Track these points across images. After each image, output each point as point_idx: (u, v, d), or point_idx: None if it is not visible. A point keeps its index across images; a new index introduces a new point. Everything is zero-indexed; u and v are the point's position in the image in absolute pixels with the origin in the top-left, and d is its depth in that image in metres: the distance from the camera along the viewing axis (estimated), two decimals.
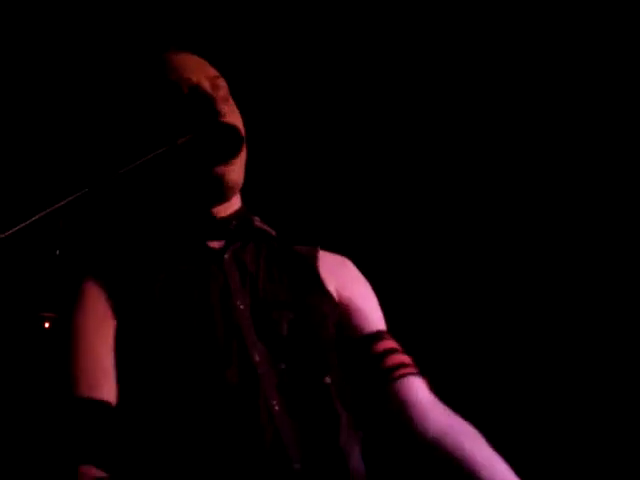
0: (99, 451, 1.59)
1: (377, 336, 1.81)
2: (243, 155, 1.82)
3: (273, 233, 1.90)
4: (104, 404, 1.62)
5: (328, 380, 1.66)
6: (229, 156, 1.76)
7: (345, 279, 1.89)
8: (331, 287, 1.85)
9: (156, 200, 1.85)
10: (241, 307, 1.69)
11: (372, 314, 1.86)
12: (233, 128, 1.76)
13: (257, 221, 1.89)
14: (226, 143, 1.75)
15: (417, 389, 1.75)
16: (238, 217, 1.85)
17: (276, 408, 1.59)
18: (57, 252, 1.72)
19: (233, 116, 1.82)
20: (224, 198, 1.82)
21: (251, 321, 1.68)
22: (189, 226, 1.81)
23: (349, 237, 3.14)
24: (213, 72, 1.86)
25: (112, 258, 1.80)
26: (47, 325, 3.38)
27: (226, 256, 1.78)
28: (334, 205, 3.43)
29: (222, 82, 1.85)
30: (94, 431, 1.60)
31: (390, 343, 1.81)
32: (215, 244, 1.81)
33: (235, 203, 1.87)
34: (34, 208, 1.47)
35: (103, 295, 1.71)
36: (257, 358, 1.63)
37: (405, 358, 1.79)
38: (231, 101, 1.87)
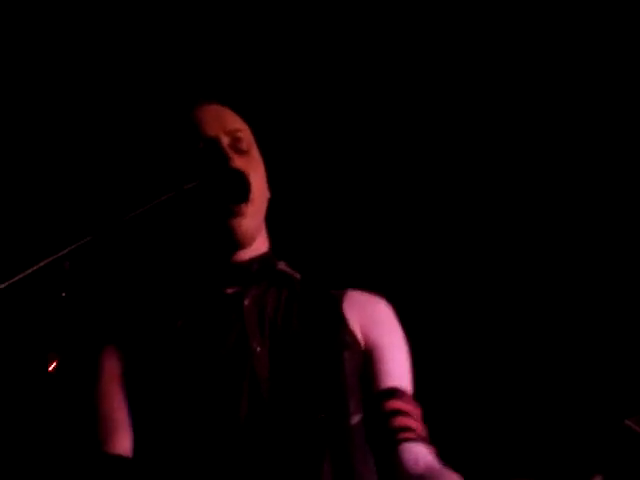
0: None
1: (390, 393, 1.77)
2: (256, 202, 1.81)
3: (297, 276, 1.89)
4: (117, 457, 1.64)
5: (322, 417, 1.67)
6: (237, 202, 1.77)
7: (373, 320, 1.84)
8: (356, 328, 1.81)
9: (170, 247, 1.86)
10: (258, 349, 1.71)
11: (395, 368, 1.81)
12: (239, 173, 1.77)
13: (281, 265, 1.89)
14: (233, 189, 1.76)
15: (416, 456, 1.71)
16: (260, 261, 1.85)
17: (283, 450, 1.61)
18: (63, 294, 1.73)
19: (245, 163, 1.82)
20: (239, 246, 1.82)
21: (268, 364, 1.69)
22: (206, 273, 1.82)
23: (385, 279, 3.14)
24: (234, 125, 1.87)
25: (126, 308, 1.81)
26: (52, 367, 3.38)
27: (246, 302, 1.79)
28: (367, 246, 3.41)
29: (244, 134, 1.87)
30: None
31: (401, 404, 1.76)
32: (234, 289, 1.81)
33: (259, 247, 1.87)
34: (40, 252, 1.49)
35: (116, 353, 1.73)
36: (269, 400, 1.65)
37: (412, 422, 1.75)
38: (253, 152, 1.88)
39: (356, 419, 1.72)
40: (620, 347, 3.22)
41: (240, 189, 1.74)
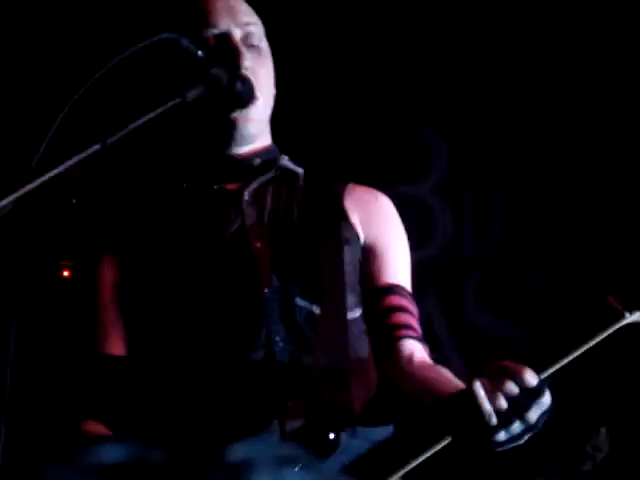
0: (103, 407, 1.63)
1: (389, 289, 1.72)
2: (263, 101, 1.75)
3: (300, 171, 1.82)
4: (110, 358, 1.65)
5: (317, 311, 1.64)
6: (242, 106, 1.75)
7: (374, 214, 1.79)
8: (355, 220, 1.76)
9: (174, 148, 1.85)
10: (257, 245, 1.68)
11: (395, 262, 1.75)
12: (246, 80, 1.68)
13: (283, 159, 1.82)
14: (239, 95, 1.74)
15: (411, 352, 1.67)
16: (262, 156, 1.79)
17: (280, 344, 1.61)
18: (74, 201, 1.75)
19: (255, 60, 1.74)
20: (242, 143, 1.77)
21: (268, 258, 1.66)
22: (207, 169, 1.78)
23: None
24: (246, 18, 1.78)
25: (126, 211, 1.81)
26: (66, 274, 3.44)
27: (246, 197, 1.74)
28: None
29: (255, 28, 1.78)
30: (99, 386, 1.63)
31: (400, 300, 1.72)
32: (235, 185, 1.77)
33: (264, 142, 1.81)
34: (50, 162, 1.50)
35: (115, 255, 1.72)
36: (268, 294, 1.63)
37: (411, 320, 1.71)
38: (263, 47, 1.80)
39: (356, 313, 1.70)
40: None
41: (246, 95, 1.72)
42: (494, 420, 1.37)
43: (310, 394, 1.58)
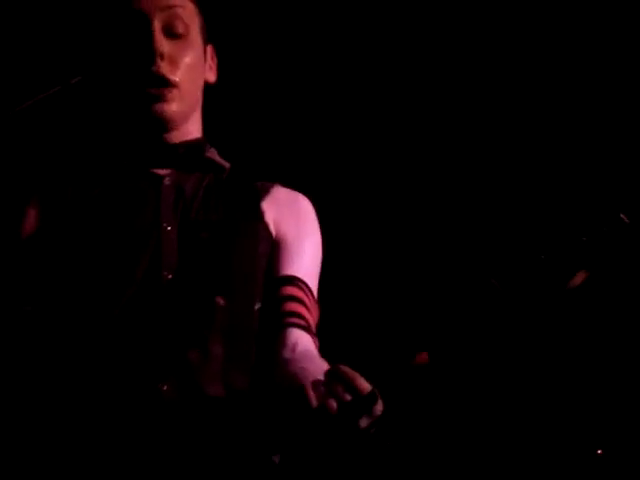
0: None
1: (286, 280, 1.75)
2: (183, 87, 1.75)
3: (226, 165, 1.85)
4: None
5: (221, 302, 1.64)
6: (155, 99, 1.73)
7: (288, 214, 1.82)
8: (269, 219, 1.80)
9: (109, 120, 1.85)
10: (168, 228, 1.69)
11: (299, 258, 1.79)
12: (161, 78, 1.71)
13: (210, 152, 1.85)
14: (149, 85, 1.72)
15: (296, 341, 1.69)
16: (188, 146, 1.81)
17: (172, 330, 1.59)
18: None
19: (176, 49, 1.75)
20: (166, 130, 1.79)
21: (176, 243, 1.67)
22: (133, 150, 1.80)
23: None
24: (169, 0, 1.76)
25: (56, 167, 1.80)
26: None
27: (166, 182, 1.76)
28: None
29: (183, 11, 1.77)
30: None
31: (296, 291, 1.74)
32: (161, 171, 1.79)
33: (190, 132, 1.83)
34: None
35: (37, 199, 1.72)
36: (168, 276, 1.63)
37: (303, 310, 1.73)
38: (190, 34, 1.79)
39: (257, 306, 1.71)
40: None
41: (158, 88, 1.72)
42: (323, 420, 1.38)
43: (189, 379, 1.57)
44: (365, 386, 1.40)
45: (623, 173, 2.99)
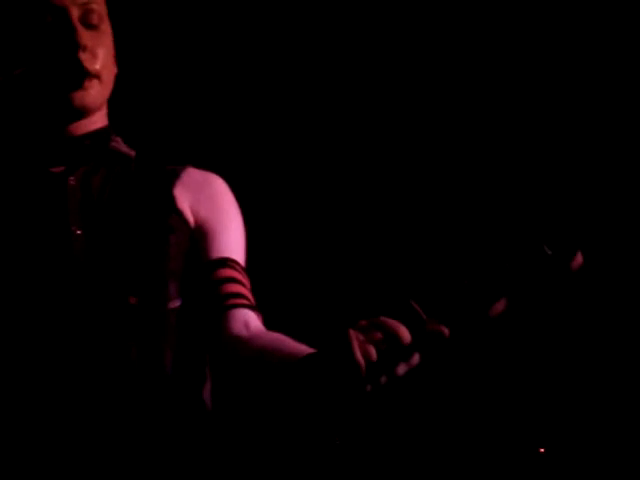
0: None
1: (221, 263, 1.72)
2: (103, 78, 1.71)
3: (132, 154, 1.78)
4: None
5: (133, 302, 1.63)
6: (72, 88, 1.70)
7: (205, 197, 1.78)
8: (185, 206, 1.75)
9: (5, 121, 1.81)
10: (77, 232, 1.65)
11: (225, 238, 1.75)
12: (79, 65, 1.67)
13: (115, 141, 1.78)
14: (70, 75, 1.71)
15: (246, 319, 1.67)
16: (93, 137, 1.75)
17: (86, 334, 1.58)
18: None
19: (93, 39, 1.72)
20: (75, 120, 1.74)
21: (86, 245, 1.64)
22: (33, 149, 1.74)
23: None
24: None
25: None
26: None
27: (71, 181, 1.70)
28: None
29: (96, 5, 1.75)
30: None
31: (232, 272, 1.71)
32: (62, 168, 1.72)
33: (95, 122, 1.77)
34: None
35: None
36: (82, 280, 1.61)
37: (243, 290, 1.70)
38: (104, 26, 1.77)
39: (175, 304, 1.67)
40: None
41: (76, 77, 1.70)
42: (364, 372, 1.34)
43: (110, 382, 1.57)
44: (406, 335, 1.36)
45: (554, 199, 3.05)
